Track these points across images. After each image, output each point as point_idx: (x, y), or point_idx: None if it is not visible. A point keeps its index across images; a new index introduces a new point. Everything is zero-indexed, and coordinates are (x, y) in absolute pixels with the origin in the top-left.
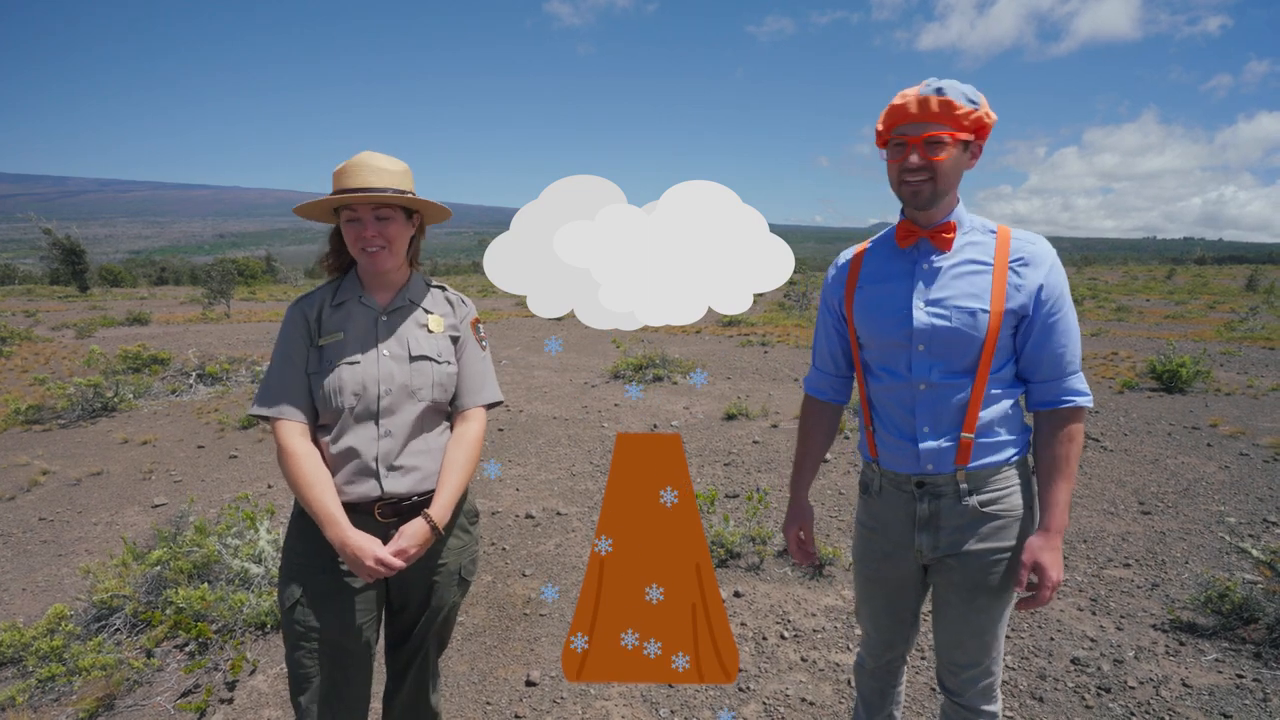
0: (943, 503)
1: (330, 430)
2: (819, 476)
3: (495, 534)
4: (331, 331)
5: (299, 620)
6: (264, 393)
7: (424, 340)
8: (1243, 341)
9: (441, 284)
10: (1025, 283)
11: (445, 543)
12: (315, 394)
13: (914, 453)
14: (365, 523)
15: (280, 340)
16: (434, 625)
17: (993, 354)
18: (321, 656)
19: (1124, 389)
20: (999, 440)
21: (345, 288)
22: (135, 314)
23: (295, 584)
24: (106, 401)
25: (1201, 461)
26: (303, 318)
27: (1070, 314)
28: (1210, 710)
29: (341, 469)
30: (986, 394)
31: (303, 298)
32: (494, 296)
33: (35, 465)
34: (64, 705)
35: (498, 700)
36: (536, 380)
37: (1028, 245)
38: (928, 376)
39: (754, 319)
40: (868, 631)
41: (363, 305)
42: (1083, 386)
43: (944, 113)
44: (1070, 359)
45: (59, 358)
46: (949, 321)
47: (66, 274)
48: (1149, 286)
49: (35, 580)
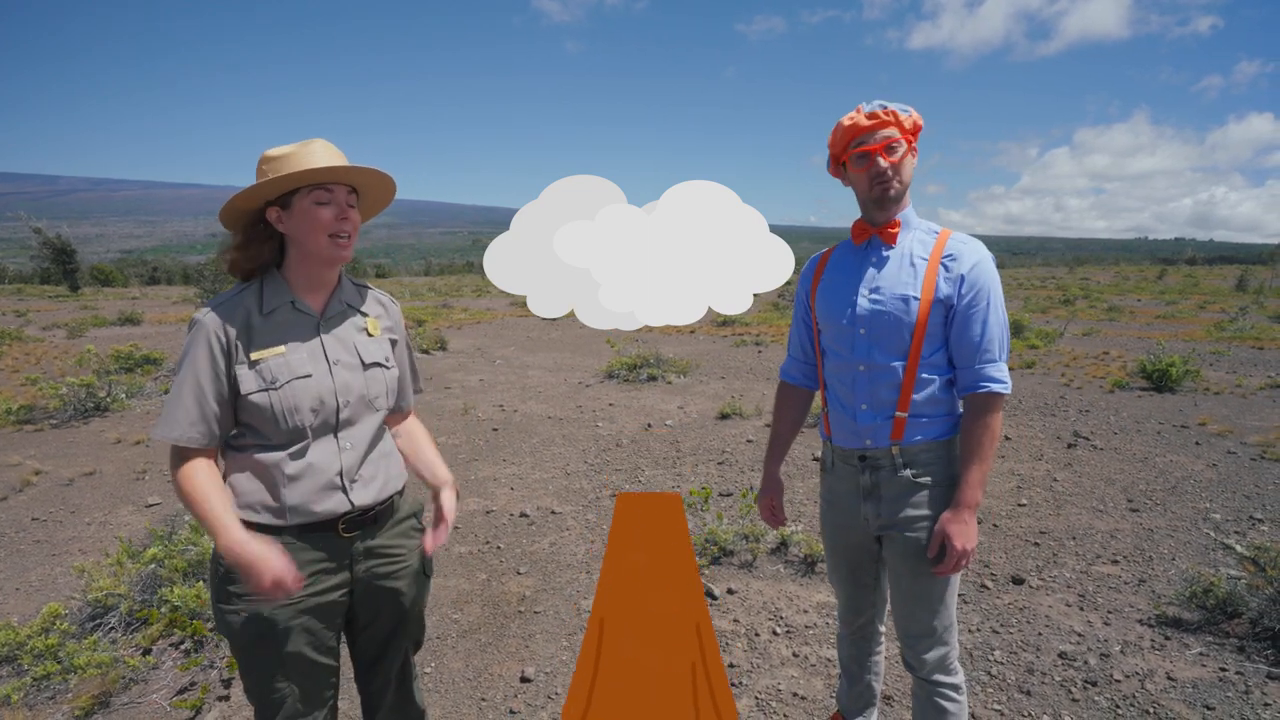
0: (881, 475)
1: (276, 448)
2: (808, 477)
3: (490, 533)
4: (268, 345)
5: (261, 651)
6: (170, 418)
7: (371, 346)
8: (1232, 341)
9: (365, 283)
10: (951, 275)
11: (410, 541)
12: (253, 415)
13: (855, 428)
14: (326, 541)
15: (190, 359)
16: (409, 627)
17: (923, 339)
18: (293, 680)
19: (1114, 388)
20: (930, 419)
21: (270, 293)
22: (127, 314)
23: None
24: (99, 401)
25: (1190, 460)
26: (220, 330)
27: (993, 308)
28: (1194, 703)
29: (300, 487)
30: (918, 376)
31: (215, 307)
32: (489, 296)
33: (28, 465)
34: (59, 703)
35: (492, 696)
36: (531, 380)
37: (959, 244)
38: (867, 358)
39: (748, 319)
40: (839, 599)
41: (298, 312)
42: (999, 374)
43: (893, 120)
44: (988, 347)
45: (50, 358)
46: (884, 307)
47: (57, 274)
48: (1140, 287)
49: (29, 580)
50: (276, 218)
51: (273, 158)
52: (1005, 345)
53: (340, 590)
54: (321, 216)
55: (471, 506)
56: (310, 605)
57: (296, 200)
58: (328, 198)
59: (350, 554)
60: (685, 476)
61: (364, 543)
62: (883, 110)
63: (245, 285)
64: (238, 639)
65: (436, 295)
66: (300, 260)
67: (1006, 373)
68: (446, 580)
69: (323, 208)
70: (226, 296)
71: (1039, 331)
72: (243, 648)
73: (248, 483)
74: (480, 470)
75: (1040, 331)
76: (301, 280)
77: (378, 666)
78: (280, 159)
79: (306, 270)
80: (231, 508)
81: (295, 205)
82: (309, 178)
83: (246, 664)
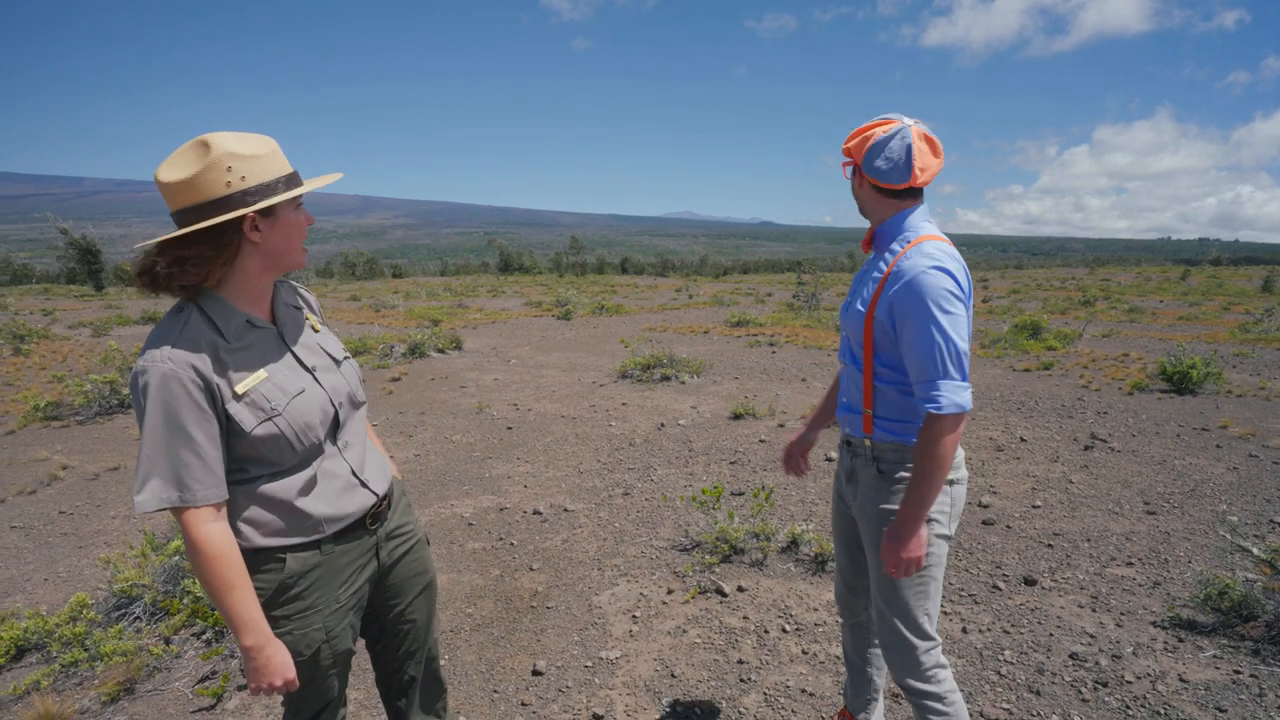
0: (858, 461)
1: (289, 471)
2: (821, 477)
3: (503, 529)
4: (246, 373)
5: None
6: (156, 482)
7: (328, 341)
8: (1257, 343)
9: (280, 279)
10: (887, 294)
11: (410, 517)
12: (264, 448)
13: (840, 416)
14: (358, 538)
15: (159, 411)
16: (434, 595)
17: (871, 349)
18: (337, 673)
19: (1134, 390)
20: (895, 422)
21: (220, 315)
22: (149, 313)
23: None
24: (123, 399)
25: (1210, 463)
26: (192, 374)
27: (921, 327)
28: (1205, 704)
29: (325, 497)
30: (874, 383)
31: (171, 348)
32: (503, 297)
33: (55, 460)
34: (86, 689)
35: (504, 689)
36: (545, 379)
37: (903, 260)
38: (843, 357)
39: (762, 319)
40: (836, 585)
41: (256, 329)
42: (935, 394)
43: (847, 144)
44: (924, 366)
45: (76, 356)
46: (850, 316)
47: (83, 273)
48: (1163, 288)
49: (57, 571)
50: (252, 227)
51: (247, 155)
52: (946, 363)
53: (371, 580)
54: (301, 223)
55: (485, 504)
56: (352, 603)
57: (282, 208)
58: (300, 201)
59: (376, 544)
60: (697, 475)
61: (384, 529)
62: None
63: (180, 314)
64: (295, 655)
65: (452, 295)
66: (260, 271)
67: (949, 392)
68: (460, 575)
69: (300, 213)
70: (172, 334)
71: (1057, 333)
72: (300, 662)
73: (269, 513)
74: (494, 468)
75: (1058, 333)
76: (249, 294)
77: (413, 641)
78: (259, 159)
79: (261, 282)
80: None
81: (280, 214)
82: (313, 184)
83: (303, 674)
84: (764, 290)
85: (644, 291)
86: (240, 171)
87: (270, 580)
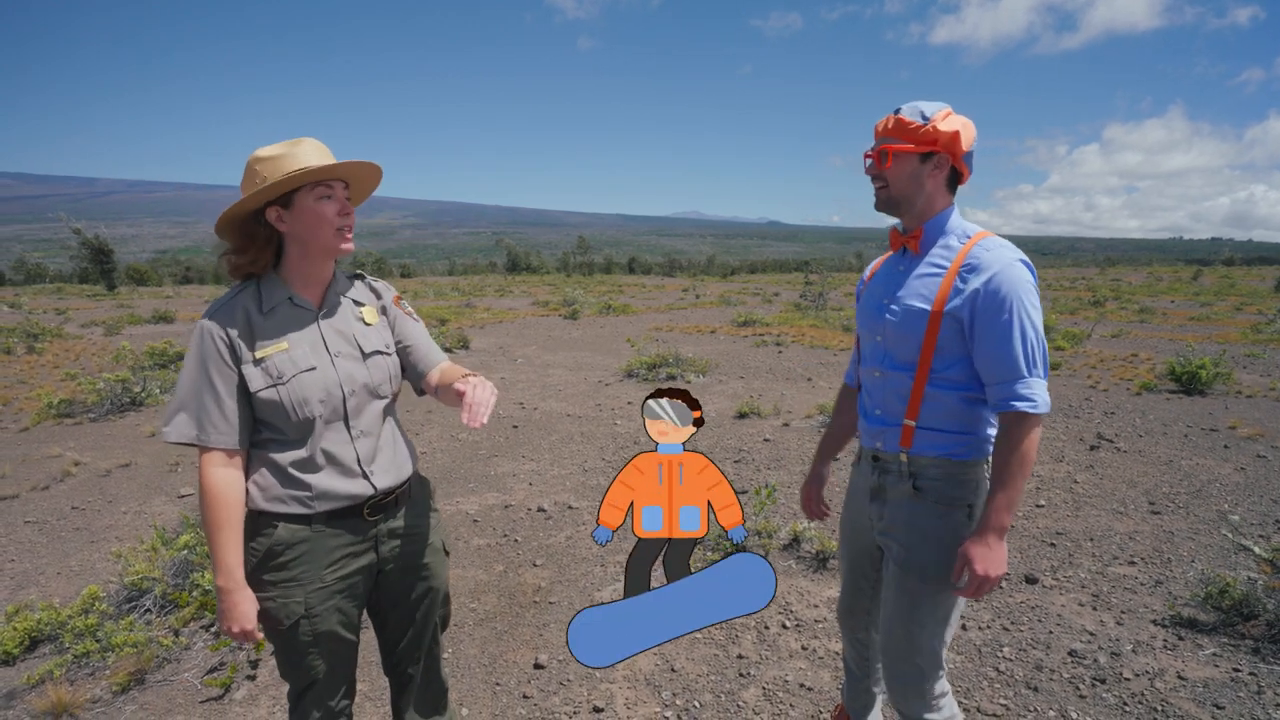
0: (888, 479)
1: (293, 442)
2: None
3: (507, 526)
4: (270, 341)
5: (297, 631)
6: (183, 417)
7: (370, 335)
8: (1269, 344)
9: (359, 272)
10: (967, 287)
11: (428, 520)
12: (266, 411)
13: (868, 430)
14: (353, 525)
15: (195, 359)
16: (437, 603)
17: (932, 351)
18: (324, 658)
19: (1142, 390)
20: (943, 434)
21: (269, 291)
22: (161, 312)
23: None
24: (134, 396)
25: (1217, 463)
26: (222, 333)
27: (1016, 321)
28: (1203, 701)
29: (322, 475)
30: (926, 389)
31: (215, 311)
32: (511, 296)
33: (67, 457)
34: (98, 679)
35: (507, 682)
36: (551, 378)
37: (982, 253)
38: (880, 365)
39: (769, 319)
40: (840, 593)
41: (296, 307)
42: (1027, 393)
43: (896, 129)
44: (1013, 364)
45: (89, 354)
46: (898, 318)
47: (95, 273)
48: (1174, 288)
49: (69, 564)
50: (277, 217)
51: (267, 158)
52: (1037, 360)
53: (366, 571)
54: (326, 212)
55: (491, 501)
56: (341, 587)
57: (299, 199)
58: (329, 193)
59: (375, 536)
60: None
61: (387, 524)
62: (894, 117)
63: (242, 286)
64: (274, 622)
65: (460, 295)
66: (300, 257)
67: (1040, 391)
68: (465, 571)
69: (326, 203)
70: (223, 300)
71: (1066, 333)
72: (279, 630)
73: (272, 477)
74: (500, 466)
75: (1067, 333)
76: (299, 277)
77: (410, 643)
78: (276, 159)
79: (305, 267)
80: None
81: (298, 204)
82: (316, 175)
83: (283, 644)
84: (771, 290)
85: (651, 291)
86: (263, 173)
87: (262, 544)
